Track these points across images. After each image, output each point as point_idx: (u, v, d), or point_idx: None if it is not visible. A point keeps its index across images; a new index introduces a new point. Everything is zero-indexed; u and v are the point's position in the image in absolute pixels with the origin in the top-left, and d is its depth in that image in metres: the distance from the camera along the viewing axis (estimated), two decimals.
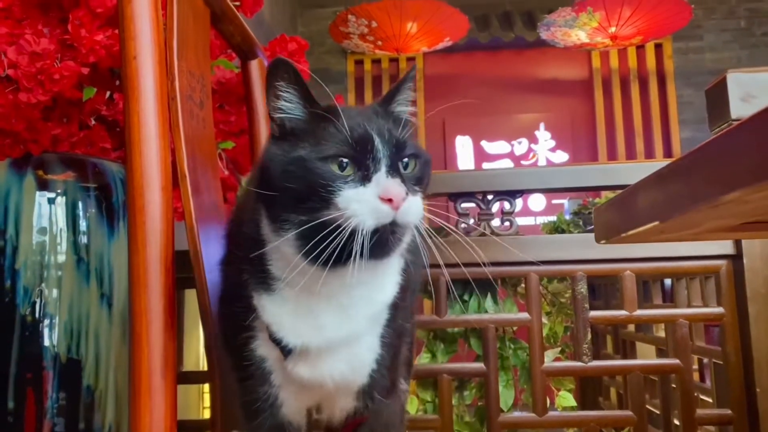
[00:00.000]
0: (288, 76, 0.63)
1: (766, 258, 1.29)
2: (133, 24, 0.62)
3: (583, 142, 5.57)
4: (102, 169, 1.18)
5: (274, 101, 0.64)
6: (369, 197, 0.58)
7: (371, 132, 0.61)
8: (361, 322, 0.66)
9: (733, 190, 0.44)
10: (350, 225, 0.57)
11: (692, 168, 0.51)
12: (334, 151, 0.60)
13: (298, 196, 0.59)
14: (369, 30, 4.64)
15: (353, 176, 0.60)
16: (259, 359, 0.67)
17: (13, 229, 1.05)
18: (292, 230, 0.59)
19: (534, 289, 1.36)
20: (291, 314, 0.64)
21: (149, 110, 0.62)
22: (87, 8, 1.08)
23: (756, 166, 0.41)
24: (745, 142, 0.43)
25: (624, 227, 0.67)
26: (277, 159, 0.62)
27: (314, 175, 0.59)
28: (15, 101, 1.06)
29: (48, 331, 1.05)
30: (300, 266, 0.60)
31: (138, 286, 0.59)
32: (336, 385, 0.67)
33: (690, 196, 0.51)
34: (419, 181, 0.64)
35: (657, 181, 0.58)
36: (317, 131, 0.62)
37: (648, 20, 4.46)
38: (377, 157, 0.60)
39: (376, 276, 0.65)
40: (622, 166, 1.58)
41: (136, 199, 0.61)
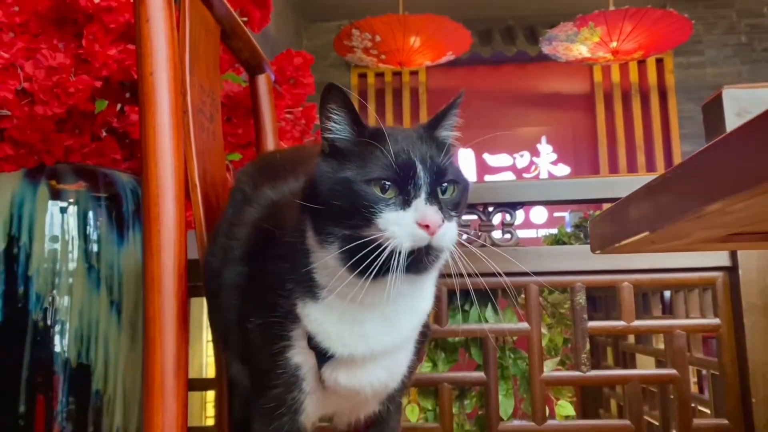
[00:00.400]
0: (339, 100, 0.66)
1: (761, 270, 1.31)
2: (150, 42, 0.66)
3: (585, 156, 5.61)
4: (112, 179, 1.21)
5: (326, 122, 0.67)
6: (407, 222, 0.62)
7: (414, 159, 0.65)
8: (405, 331, 0.70)
9: (714, 202, 0.47)
10: (389, 245, 0.60)
11: (678, 180, 0.53)
12: (377, 175, 0.63)
13: (343, 213, 0.63)
14: (372, 44, 4.69)
15: (394, 199, 0.63)
16: (293, 367, 0.69)
17: (27, 237, 1.08)
18: (336, 244, 0.63)
19: (533, 300, 1.39)
20: (336, 323, 0.67)
21: (164, 124, 0.65)
22: (101, 24, 1.12)
23: (734, 178, 0.44)
24: (725, 156, 0.45)
25: (617, 238, 0.70)
26: (325, 177, 0.65)
27: (358, 197, 0.62)
28: (31, 113, 1.09)
29: (59, 336, 1.08)
30: (344, 277, 0.63)
31: (152, 291, 0.62)
32: (374, 392, 0.70)
33: (677, 208, 0.54)
34: (456, 206, 0.68)
35: (647, 193, 0.61)
36: (364, 153, 0.65)
37: (649, 35, 4.50)
38: (418, 184, 0.64)
39: (416, 289, 0.69)
40: (621, 179, 1.61)
41: (151, 208, 0.64)
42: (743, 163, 0.43)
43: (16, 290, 1.07)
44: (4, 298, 1.06)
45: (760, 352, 1.29)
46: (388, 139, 0.65)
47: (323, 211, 0.64)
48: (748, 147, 0.43)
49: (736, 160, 0.44)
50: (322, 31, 5.70)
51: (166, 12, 0.68)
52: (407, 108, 5.82)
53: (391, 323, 0.69)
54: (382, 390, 0.72)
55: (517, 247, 1.46)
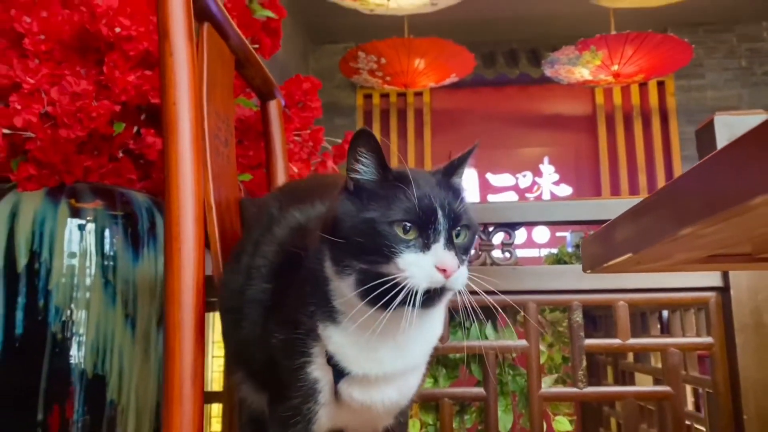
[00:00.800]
0: (369, 144, 0.71)
1: (752, 290, 1.35)
2: (174, 74, 0.71)
3: (587, 177, 5.66)
4: (128, 198, 1.27)
5: (354, 163, 0.71)
6: (427, 264, 0.67)
7: (435, 204, 0.69)
8: (416, 357, 0.75)
9: (687, 226, 0.52)
10: (407, 284, 0.65)
11: (656, 205, 0.59)
12: (401, 217, 0.68)
13: (363, 249, 0.67)
14: (378, 66, 4.78)
15: (414, 241, 0.67)
16: (312, 381, 0.74)
17: (48, 253, 1.14)
18: (352, 276, 0.68)
19: (532, 318, 1.43)
20: (353, 346, 0.71)
21: (186, 150, 0.70)
22: (121, 51, 1.19)
23: (702, 204, 0.49)
24: (695, 184, 0.51)
25: (605, 258, 0.75)
26: (348, 213, 0.69)
27: (380, 236, 0.67)
28: (53, 136, 1.15)
29: (76, 348, 1.13)
30: (357, 306, 0.68)
31: (172, 304, 0.67)
32: (385, 409, 0.75)
33: (656, 231, 0.59)
34: (467, 250, 0.73)
35: (631, 217, 0.66)
36: (388, 195, 0.70)
37: (650, 59, 4.57)
38: (438, 229, 0.68)
39: (426, 320, 0.74)
40: (616, 201, 1.66)
41: (172, 228, 0.69)
42: (710, 191, 0.48)
43: (37, 303, 1.12)
44: (25, 311, 1.11)
45: (752, 371, 1.33)
46: (412, 183, 0.70)
47: (343, 245, 0.68)
48: (713, 176, 0.48)
49: (704, 188, 0.49)
50: (329, 53, 5.80)
51: (188, 47, 0.74)
52: (411, 128, 5.90)
53: (403, 350, 0.73)
54: (393, 407, 0.77)
55: (516, 266, 1.50)
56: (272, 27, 1.47)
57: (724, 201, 0.44)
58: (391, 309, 0.65)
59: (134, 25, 1.19)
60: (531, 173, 5.77)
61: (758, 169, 0.41)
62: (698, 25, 5.49)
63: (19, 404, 1.09)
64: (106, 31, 1.16)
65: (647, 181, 5.39)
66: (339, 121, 5.63)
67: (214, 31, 0.91)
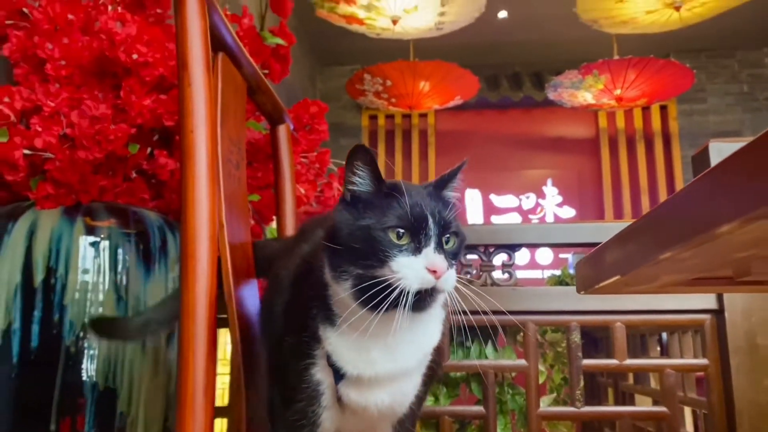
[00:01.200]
0: (365, 158, 0.76)
1: (746, 313, 1.39)
2: (192, 103, 0.76)
3: (590, 199, 5.70)
4: (141, 217, 1.32)
5: (351, 176, 0.77)
6: (419, 266, 0.72)
7: (426, 212, 0.75)
8: (408, 361, 0.79)
9: (666, 251, 0.56)
10: (399, 285, 0.70)
11: (640, 230, 0.63)
12: (395, 223, 0.73)
13: (359, 255, 0.72)
14: (383, 88, 4.85)
15: (407, 246, 0.73)
16: (315, 383, 0.79)
17: (63, 269, 1.18)
18: (349, 281, 0.73)
19: (531, 338, 1.46)
20: (348, 347, 0.76)
21: (202, 175, 0.75)
22: (138, 77, 1.24)
23: (678, 231, 0.53)
24: (672, 210, 0.55)
25: (595, 280, 0.79)
26: (347, 223, 0.75)
27: (375, 241, 0.72)
28: (71, 157, 1.20)
29: (88, 361, 1.17)
30: (353, 309, 0.73)
31: (187, 317, 0.72)
32: (379, 412, 0.79)
33: (640, 254, 0.63)
34: (455, 256, 0.78)
35: (618, 241, 0.70)
36: (382, 204, 0.75)
37: (652, 84, 4.63)
38: (429, 234, 0.74)
39: (419, 324, 0.78)
40: (615, 224, 1.70)
41: (188, 246, 0.74)
42: (684, 218, 0.52)
43: (52, 318, 1.16)
44: (40, 325, 1.15)
45: (746, 392, 1.36)
46: (404, 193, 0.76)
47: (340, 252, 0.73)
48: (687, 204, 0.52)
49: (679, 215, 0.53)
50: (336, 75, 5.89)
51: (206, 77, 0.79)
52: (416, 149, 5.96)
53: (394, 353, 0.78)
54: (387, 412, 0.81)
55: (516, 287, 1.54)
56: (282, 53, 1.52)
57: (695, 228, 0.48)
58: (383, 309, 0.70)
59: (151, 52, 1.25)
60: (534, 195, 5.81)
61: (725, 198, 0.45)
62: (700, 51, 5.57)
63: (33, 415, 1.13)
64: (124, 57, 1.22)
65: (650, 204, 5.43)
66: (344, 141, 5.70)
67: (229, 61, 0.97)
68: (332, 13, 4.01)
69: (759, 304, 1.38)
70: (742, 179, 0.42)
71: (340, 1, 3.86)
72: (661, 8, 3.85)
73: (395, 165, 5.89)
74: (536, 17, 5.09)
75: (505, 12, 5.12)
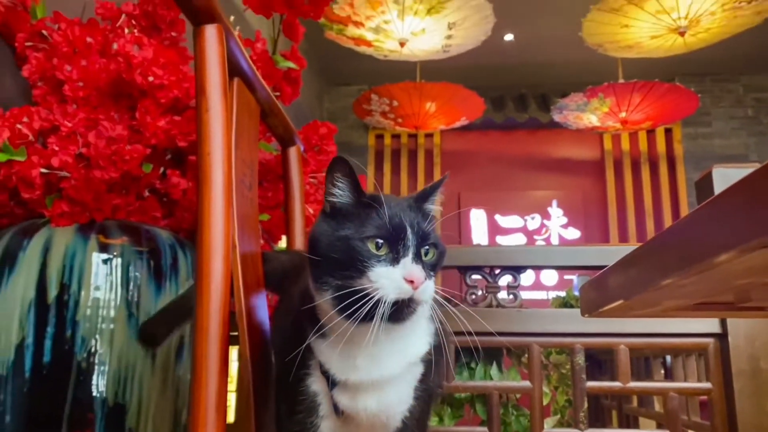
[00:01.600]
0: (344, 170, 0.79)
1: (749, 337, 1.40)
2: (209, 127, 0.79)
3: (595, 220, 5.71)
4: (153, 235, 1.34)
5: (331, 188, 0.79)
6: (396, 276, 0.73)
7: (405, 223, 0.76)
8: (393, 369, 0.80)
9: (667, 277, 0.58)
10: (377, 295, 0.71)
11: (642, 256, 0.65)
12: (373, 233, 0.75)
13: (338, 265, 0.74)
14: (390, 108, 4.91)
15: (385, 256, 0.74)
16: (312, 394, 0.81)
17: (77, 286, 1.20)
18: (329, 291, 0.74)
19: (536, 359, 1.48)
20: (336, 355, 0.78)
21: (218, 196, 0.78)
22: (153, 98, 1.27)
23: (679, 258, 0.55)
24: (674, 238, 0.57)
25: (600, 304, 0.81)
26: (326, 234, 0.77)
27: (354, 251, 0.73)
28: (87, 175, 1.23)
29: (99, 377, 1.19)
30: (335, 320, 0.75)
31: (201, 336, 0.74)
32: (368, 419, 0.80)
33: (642, 280, 0.65)
34: (434, 267, 0.79)
35: (622, 266, 0.72)
36: (362, 215, 0.77)
37: (657, 107, 4.67)
38: (407, 245, 0.75)
39: (400, 334, 0.79)
40: (619, 247, 1.72)
41: (203, 266, 0.76)
42: (685, 246, 0.54)
43: (65, 333, 1.18)
44: (53, 340, 1.17)
45: (749, 416, 1.36)
46: (384, 204, 0.77)
47: (321, 263, 0.75)
48: (688, 232, 0.54)
49: (680, 243, 0.55)
50: (343, 95, 5.95)
51: (223, 103, 0.81)
52: (422, 168, 6.00)
53: (378, 360, 0.79)
54: (376, 421, 0.82)
55: (521, 309, 1.56)
56: (293, 76, 1.56)
57: (695, 256, 0.50)
58: (358, 319, 0.71)
59: (166, 74, 1.28)
60: (539, 216, 5.83)
61: (724, 228, 0.47)
62: (705, 75, 5.61)
63: (45, 429, 1.15)
64: (140, 79, 1.25)
65: (654, 227, 5.44)
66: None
67: (243, 86, 1.00)
68: (341, 35, 4.07)
69: (762, 329, 1.39)
70: (741, 209, 0.44)
71: (349, 24, 3.93)
72: (665, 33, 3.89)
73: (401, 184, 5.93)
74: (542, 40, 5.15)
75: (511, 35, 5.18)
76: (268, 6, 1.43)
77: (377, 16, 3.88)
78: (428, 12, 3.84)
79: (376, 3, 3.77)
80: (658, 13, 3.74)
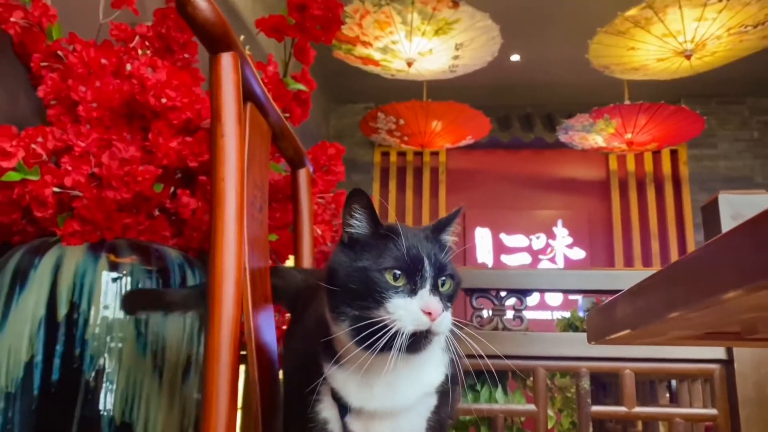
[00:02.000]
0: (362, 201, 0.79)
1: (755, 364, 1.40)
2: (224, 153, 0.81)
3: (600, 241, 5.71)
4: (162, 254, 1.35)
5: (349, 219, 0.79)
6: (414, 308, 0.74)
7: (422, 254, 0.77)
8: (408, 398, 0.80)
9: (674, 311, 0.59)
10: (395, 326, 0.72)
11: (650, 289, 0.65)
12: (391, 264, 0.75)
13: (356, 296, 0.74)
14: (396, 126, 4.94)
15: (403, 287, 0.75)
16: (322, 421, 0.81)
17: (86, 304, 1.22)
18: (346, 322, 0.75)
19: (541, 383, 1.48)
20: (352, 382, 0.79)
21: (230, 220, 0.79)
22: (166, 120, 1.29)
23: (686, 293, 0.56)
24: (681, 273, 0.58)
25: (607, 332, 0.81)
26: (344, 264, 0.77)
27: (372, 282, 0.74)
28: (98, 195, 1.25)
29: (107, 396, 1.19)
30: (350, 349, 0.75)
31: (212, 358, 0.74)
32: None
33: (649, 311, 0.65)
34: (450, 298, 0.80)
35: (629, 296, 0.73)
36: (379, 246, 0.78)
37: (662, 129, 4.69)
38: (425, 276, 0.76)
39: (417, 364, 0.80)
40: (624, 272, 1.72)
41: (215, 289, 0.77)
42: (692, 282, 0.55)
43: (73, 351, 1.19)
44: (62, 358, 1.18)
45: None
46: (401, 235, 0.78)
47: (338, 293, 0.76)
48: (695, 269, 0.55)
49: (687, 278, 0.56)
50: (349, 112, 5.99)
51: (237, 129, 0.83)
52: (427, 186, 6.02)
53: (394, 389, 0.79)
54: None
55: (527, 332, 1.56)
56: (303, 98, 1.58)
57: (702, 292, 0.51)
58: (376, 350, 0.72)
59: (179, 96, 1.30)
60: (544, 235, 5.83)
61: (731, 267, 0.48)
62: (711, 97, 5.63)
63: None
64: (153, 101, 1.27)
65: (659, 247, 5.43)
66: (356, 177, 5.77)
67: (256, 110, 1.01)
68: (349, 54, 4.11)
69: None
70: (748, 250, 0.45)
71: (357, 44, 3.97)
72: (672, 56, 3.92)
73: (406, 201, 5.95)
74: (548, 61, 5.19)
75: (517, 56, 5.22)
76: (280, 30, 1.46)
77: (385, 37, 3.92)
78: (436, 33, 3.87)
79: (385, 23, 3.82)
80: (664, 36, 3.77)
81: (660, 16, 3.64)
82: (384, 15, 3.77)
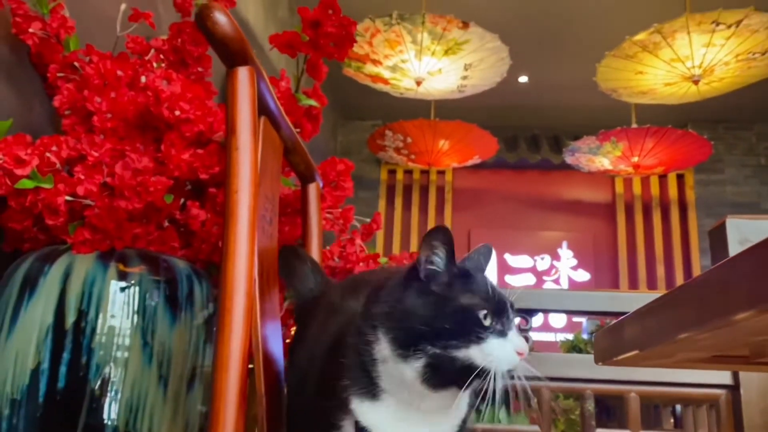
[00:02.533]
0: (443, 238, 0.78)
1: (762, 391, 1.39)
2: (238, 166, 0.82)
3: (605, 263, 5.70)
4: (170, 264, 1.36)
5: (430, 255, 0.78)
6: (509, 349, 0.74)
7: (504, 295, 0.78)
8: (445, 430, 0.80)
9: (683, 332, 0.59)
10: (491, 367, 0.72)
11: (659, 310, 0.66)
12: (483, 305, 0.75)
13: (440, 334, 0.73)
14: (404, 144, 4.96)
15: (492, 328, 0.74)
16: None
17: (94, 313, 1.22)
18: (423, 359, 0.73)
19: (546, 404, 1.47)
20: (390, 420, 0.77)
21: (243, 233, 0.80)
22: (179, 132, 1.31)
23: (695, 315, 0.56)
24: (690, 295, 0.58)
25: (614, 353, 0.81)
26: (427, 302, 0.75)
27: (468, 322, 0.73)
28: (110, 204, 1.26)
29: (112, 405, 1.19)
30: (414, 387, 0.74)
31: (221, 369, 0.75)
32: None
33: (658, 333, 0.66)
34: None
35: (637, 317, 0.73)
36: (464, 285, 0.77)
37: (669, 153, 4.70)
38: (510, 318, 0.76)
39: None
40: (628, 294, 1.72)
41: (226, 301, 0.78)
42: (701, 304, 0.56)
43: (80, 360, 1.19)
44: (68, 366, 1.18)
45: None
46: (480, 275, 0.79)
47: (412, 329, 0.73)
48: (705, 291, 0.55)
49: (697, 300, 0.57)
50: (357, 129, 6.03)
51: (252, 143, 0.84)
52: (433, 205, 6.03)
53: (433, 424, 0.79)
54: None
55: (532, 353, 1.56)
56: (314, 113, 1.59)
57: (711, 314, 0.51)
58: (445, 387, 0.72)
59: (192, 109, 1.32)
60: (549, 256, 5.82)
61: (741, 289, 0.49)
62: (718, 122, 5.65)
63: None
64: (167, 113, 1.29)
65: (665, 272, 5.41)
66: (363, 194, 5.79)
67: (269, 124, 1.03)
68: (359, 72, 4.14)
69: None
70: (759, 272, 0.45)
71: (367, 62, 4.00)
72: (679, 81, 3.94)
73: (411, 219, 5.96)
74: (556, 83, 5.22)
75: (525, 77, 5.25)
76: (294, 46, 1.48)
77: (395, 56, 3.96)
78: (445, 53, 3.91)
79: (395, 42, 3.85)
80: (672, 61, 3.79)
81: (668, 41, 3.66)
82: (394, 34, 3.81)
